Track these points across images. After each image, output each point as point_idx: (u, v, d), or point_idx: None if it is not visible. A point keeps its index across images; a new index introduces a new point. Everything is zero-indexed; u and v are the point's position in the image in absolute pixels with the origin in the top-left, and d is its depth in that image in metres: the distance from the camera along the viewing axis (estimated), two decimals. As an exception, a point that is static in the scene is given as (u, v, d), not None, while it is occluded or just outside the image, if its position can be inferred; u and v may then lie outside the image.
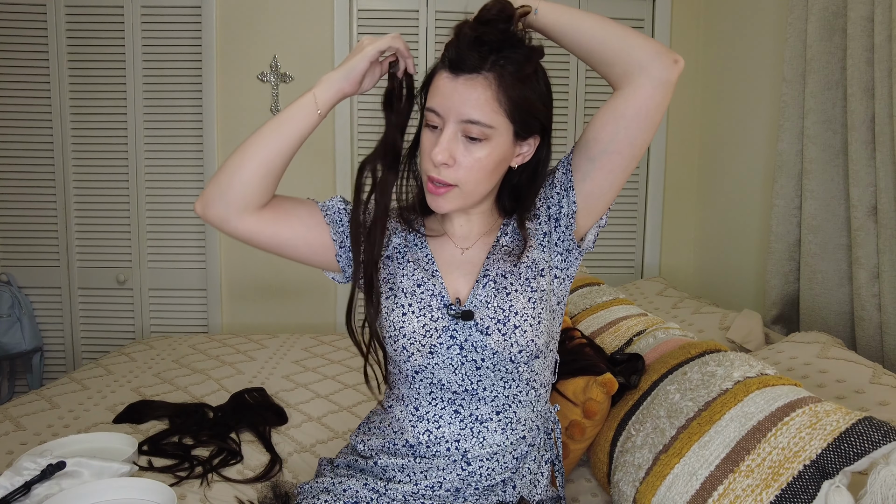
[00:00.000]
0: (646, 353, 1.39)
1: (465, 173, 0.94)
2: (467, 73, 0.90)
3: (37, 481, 1.22)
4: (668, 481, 1.04)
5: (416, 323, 0.98)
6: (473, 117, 0.90)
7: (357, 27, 2.69)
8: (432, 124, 0.94)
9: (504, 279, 1.00)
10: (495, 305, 0.98)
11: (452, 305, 1.00)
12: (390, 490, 1.00)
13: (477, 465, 1.00)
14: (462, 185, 0.95)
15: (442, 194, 0.95)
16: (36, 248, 2.76)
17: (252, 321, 2.82)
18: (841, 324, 1.77)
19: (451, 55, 0.90)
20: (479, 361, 0.98)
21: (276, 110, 2.71)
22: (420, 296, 1.00)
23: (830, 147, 1.78)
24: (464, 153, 0.92)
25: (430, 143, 0.94)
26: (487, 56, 0.89)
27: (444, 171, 0.93)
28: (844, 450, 0.87)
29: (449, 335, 0.98)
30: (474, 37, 0.89)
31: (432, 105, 0.93)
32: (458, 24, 0.92)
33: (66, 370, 2.80)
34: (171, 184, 2.74)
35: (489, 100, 0.90)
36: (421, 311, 0.99)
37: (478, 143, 0.92)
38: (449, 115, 0.91)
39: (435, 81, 0.94)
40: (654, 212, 2.84)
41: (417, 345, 0.98)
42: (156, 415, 1.65)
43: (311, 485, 1.07)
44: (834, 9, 1.76)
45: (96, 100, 2.69)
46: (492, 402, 1.00)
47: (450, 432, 1.00)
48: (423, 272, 1.02)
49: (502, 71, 0.90)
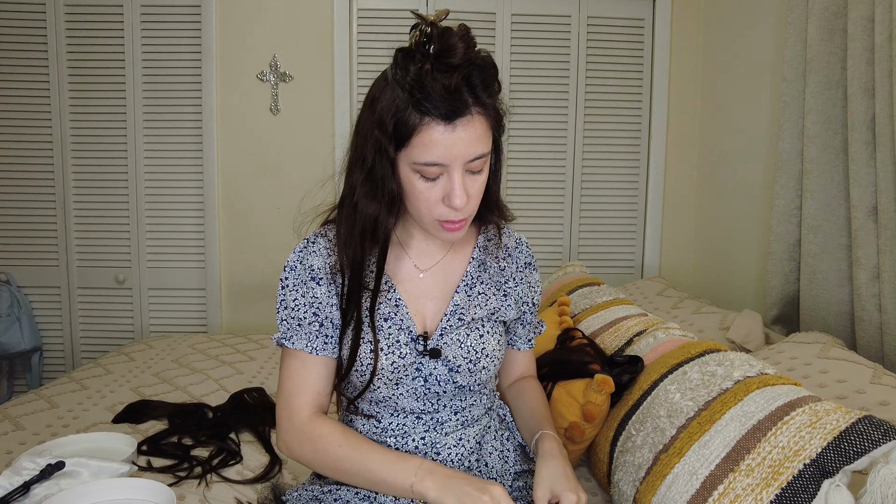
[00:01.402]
0: (646, 353, 1.39)
1: (474, 202, 0.96)
2: (462, 117, 0.88)
3: (36, 481, 1.21)
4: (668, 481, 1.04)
5: (385, 360, 1.00)
6: (479, 153, 0.91)
7: (357, 27, 2.69)
8: (432, 177, 0.91)
9: (477, 321, 1.05)
10: (468, 346, 1.02)
11: (420, 338, 1.02)
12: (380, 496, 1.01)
13: (445, 453, 1.04)
14: (471, 214, 0.97)
15: (461, 228, 0.96)
16: (35, 247, 2.76)
17: (251, 321, 2.82)
18: (841, 324, 1.77)
19: (439, 106, 0.86)
20: (440, 393, 1.03)
21: (275, 110, 2.71)
22: (388, 331, 1.01)
23: (831, 147, 1.78)
24: (471, 185, 0.93)
25: (432, 192, 0.92)
26: (475, 91, 0.89)
27: (462, 211, 0.93)
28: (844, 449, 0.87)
29: (415, 368, 1.01)
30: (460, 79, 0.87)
31: (433, 160, 0.88)
32: (419, 71, 0.86)
33: (65, 370, 2.80)
34: (170, 183, 2.74)
35: (487, 130, 0.92)
36: (389, 347, 1.00)
37: (479, 172, 0.94)
38: (455, 162, 0.90)
39: (423, 137, 0.87)
40: (654, 212, 2.84)
41: (385, 379, 1.00)
42: (155, 415, 1.65)
43: (300, 492, 1.07)
44: (834, 9, 1.76)
45: (96, 99, 2.69)
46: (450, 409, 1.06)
47: (416, 434, 1.04)
48: (388, 304, 1.02)
49: (486, 98, 0.90)
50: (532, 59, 2.74)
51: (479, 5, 2.68)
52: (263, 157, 2.75)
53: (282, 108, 2.72)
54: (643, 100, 2.80)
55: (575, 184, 2.81)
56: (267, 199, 2.76)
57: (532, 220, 2.82)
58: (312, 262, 1.02)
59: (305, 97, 2.72)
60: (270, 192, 2.75)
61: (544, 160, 2.80)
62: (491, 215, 1.08)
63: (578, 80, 2.76)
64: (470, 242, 1.11)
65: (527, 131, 2.77)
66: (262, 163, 2.75)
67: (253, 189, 2.76)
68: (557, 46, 2.74)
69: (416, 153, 0.89)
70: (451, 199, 0.91)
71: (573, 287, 1.98)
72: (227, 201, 2.76)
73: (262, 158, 2.75)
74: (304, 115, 2.71)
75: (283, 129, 2.73)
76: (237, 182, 2.75)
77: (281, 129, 2.73)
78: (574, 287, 1.98)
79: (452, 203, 0.91)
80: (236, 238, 2.78)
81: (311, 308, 1.01)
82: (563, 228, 2.84)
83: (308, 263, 1.02)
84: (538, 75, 2.75)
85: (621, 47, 2.76)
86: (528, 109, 2.76)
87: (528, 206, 2.81)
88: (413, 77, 0.87)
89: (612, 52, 2.76)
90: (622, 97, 2.79)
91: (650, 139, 2.81)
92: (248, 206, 2.76)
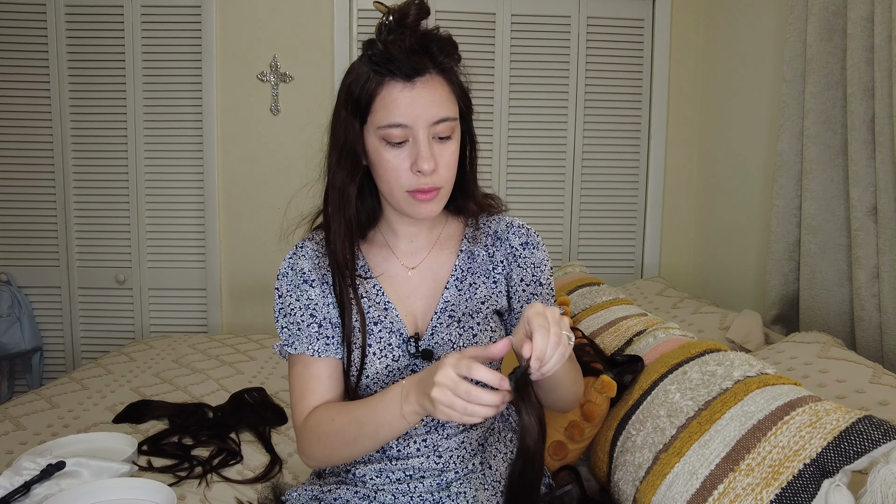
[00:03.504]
0: (646, 353, 1.39)
1: (445, 172, 0.94)
2: (422, 76, 0.90)
3: (36, 481, 1.22)
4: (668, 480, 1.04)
5: (379, 364, 0.99)
6: (443, 115, 0.91)
7: (357, 26, 2.69)
8: (396, 141, 0.91)
9: (469, 318, 1.03)
10: (460, 346, 1.01)
11: (412, 339, 1.01)
12: (380, 495, 1.02)
13: (447, 455, 1.03)
14: (445, 185, 0.95)
15: (432, 198, 0.94)
16: (35, 247, 2.76)
17: (252, 321, 2.82)
18: (841, 324, 1.77)
19: (400, 65, 0.88)
20: None
21: (275, 110, 2.71)
22: (379, 335, 1.00)
23: (830, 147, 1.78)
24: (440, 154, 0.92)
25: (399, 159, 0.91)
26: (432, 54, 0.91)
27: (432, 178, 0.92)
28: (844, 448, 0.87)
29: (410, 370, 1.01)
30: (415, 40, 0.90)
31: (396, 120, 0.89)
32: (374, 37, 0.92)
33: (65, 370, 2.80)
34: (170, 183, 2.74)
35: (449, 93, 0.93)
36: (382, 351, 1.00)
37: (448, 140, 0.93)
38: (418, 123, 0.89)
39: (384, 97, 0.89)
40: (654, 211, 2.84)
41: (381, 384, 1.00)
42: (155, 415, 1.65)
43: (300, 492, 1.07)
44: (834, 9, 1.76)
45: (96, 99, 2.69)
46: None
47: (416, 433, 1.03)
48: (377, 307, 1.02)
49: (445, 64, 0.92)
50: (532, 60, 2.74)
51: (479, 5, 2.68)
52: (263, 157, 2.75)
53: (282, 108, 2.72)
54: (643, 100, 2.80)
55: (575, 184, 2.81)
56: (267, 200, 2.76)
57: (532, 220, 2.80)
58: (302, 265, 1.02)
59: (305, 97, 2.72)
60: (271, 193, 2.76)
61: (544, 160, 2.80)
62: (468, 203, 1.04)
63: (578, 80, 2.76)
64: (457, 237, 1.08)
65: (527, 131, 2.77)
66: (262, 163, 2.75)
67: (253, 189, 2.76)
68: (557, 46, 2.74)
69: (380, 116, 0.90)
70: (418, 162, 0.90)
71: (573, 287, 1.98)
72: (228, 201, 2.76)
73: (262, 159, 2.75)
74: (304, 116, 2.70)
75: (284, 129, 2.73)
76: (237, 182, 2.75)
77: (281, 130, 2.73)
78: (574, 287, 1.98)
79: (420, 167, 0.90)
80: (237, 238, 2.78)
81: (308, 310, 1.01)
82: (562, 228, 2.84)
83: (299, 267, 1.02)
84: (538, 75, 2.75)
85: (621, 47, 2.76)
86: (528, 109, 2.76)
87: (527, 206, 2.81)
88: (375, 51, 0.90)
89: (611, 52, 2.76)
90: (622, 97, 2.79)
91: (650, 139, 2.81)
92: (249, 207, 2.76)
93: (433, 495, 1.02)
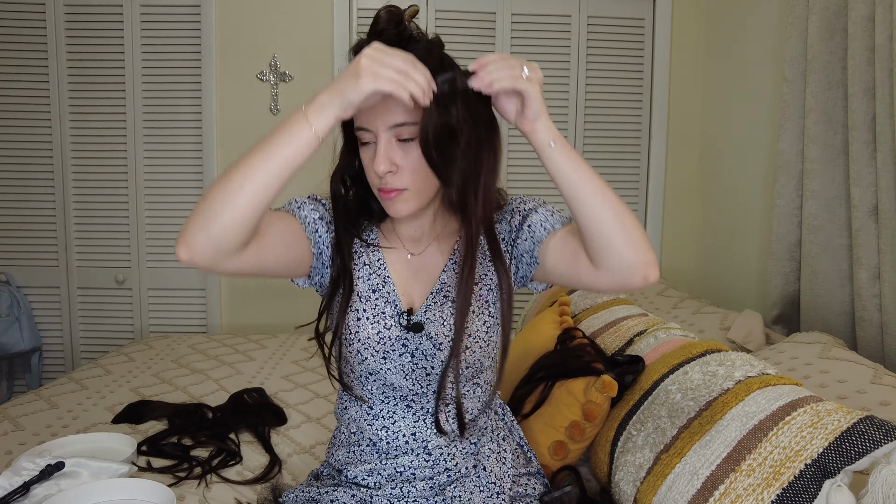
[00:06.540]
0: (646, 353, 1.39)
1: (410, 175, 0.94)
2: None
3: (36, 482, 1.21)
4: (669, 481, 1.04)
5: (371, 329, 1.01)
6: (399, 120, 0.91)
7: (357, 26, 2.68)
8: (365, 141, 0.94)
9: None
10: (451, 324, 1.01)
11: (404, 314, 1.02)
12: (376, 499, 1.02)
13: (437, 453, 1.03)
14: (411, 187, 0.95)
15: (393, 198, 0.95)
16: (35, 247, 2.75)
17: (251, 321, 2.81)
18: (842, 324, 1.77)
19: None
20: (428, 369, 1.02)
21: (275, 110, 2.71)
22: (374, 301, 1.03)
23: (831, 147, 1.78)
24: (402, 157, 0.93)
25: (368, 158, 0.95)
26: None
27: (390, 180, 0.93)
28: (846, 449, 0.87)
29: (401, 343, 1.02)
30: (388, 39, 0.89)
31: (360, 123, 0.93)
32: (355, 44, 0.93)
33: (64, 370, 2.80)
34: (170, 183, 2.74)
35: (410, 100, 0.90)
36: (375, 317, 1.02)
37: (412, 143, 0.93)
38: (378, 126, 0.91)
39: None
40: (655, 212, 2.84)
41: (371, 350, 1.01)
42: (155, 415, 1.65)
43: (297, 493, 1.07)
44: (835, 8, 1.76)
45: (95, 99, 2.68)
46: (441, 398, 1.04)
47: (405, 425, 1.04)
48: (377, 277, 1.04)
49: None
50: (532, 59, 2.72)
51: (479, 5, 2.68)
52: (263, 157, 2.74)
53: (282, 108, 2.72)
54: (643, 100, 2.79)
55: (575, 184, 2.81)
56: (267, 200, 2.75)
57: (532, 220, 2.82)
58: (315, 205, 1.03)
59: (305, 97, 2.70)
60: (270, 192, 2.75)
61: (544, 160, 2.80)
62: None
63: (578, 80, 2.75)
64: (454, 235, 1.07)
65: (527, 131, 2.77)
66: (261, 163, 2.74)
67: (253, 189, 2.75)
68: (558, 46, 2.74)
69: (355, 118, 0.94)
70: (374, 163, 0.92)
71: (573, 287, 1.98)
72: (227, 201, 2.76)
73: (261, 158, 2.74)
74: (303, 115, 2.71)
75: (283, 129, 2.73)
76: (237, 182, 2.75)
77: (281, 129, 2.73)
78: (574, 287, 1.98)
79: (375, 167, 0.92)
80: (236, 238, 2.78)
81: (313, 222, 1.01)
82: (563, 228, 2.84)
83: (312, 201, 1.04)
84: (538, 75, 2.74)
85: (621, 47, 2.76)
86: (529, 109, 2.75)
87: (528, 206, 2.81)
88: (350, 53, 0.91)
89: (612, 52, 2.76)
90: (622, 97, 2.79)
91: (650, 139, 2.80)
92: (248, 207, 2.76)
93: (428, 500, 1.02)
